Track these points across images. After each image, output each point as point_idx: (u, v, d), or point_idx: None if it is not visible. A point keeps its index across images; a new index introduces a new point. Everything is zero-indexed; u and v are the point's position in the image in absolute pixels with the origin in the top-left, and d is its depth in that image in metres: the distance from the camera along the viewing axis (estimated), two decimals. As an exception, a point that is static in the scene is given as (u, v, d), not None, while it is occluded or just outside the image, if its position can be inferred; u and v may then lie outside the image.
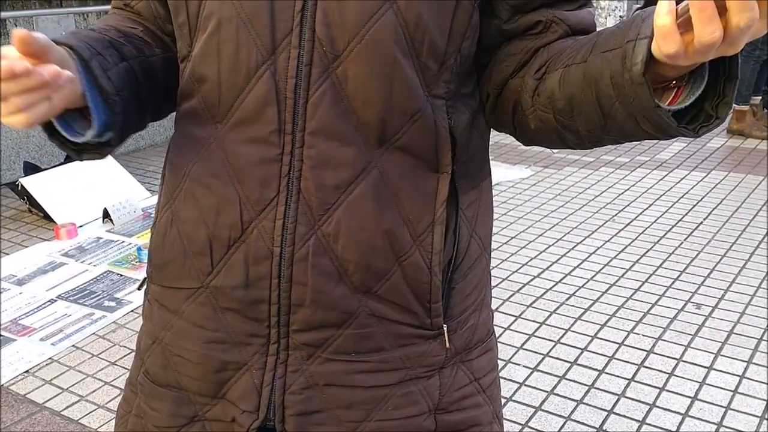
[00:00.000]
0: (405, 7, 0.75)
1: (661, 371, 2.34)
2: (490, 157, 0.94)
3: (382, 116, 0.78)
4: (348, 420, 0.85)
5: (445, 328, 0.86)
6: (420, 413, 0.87)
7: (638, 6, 0.79)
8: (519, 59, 0.83)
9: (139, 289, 0.96)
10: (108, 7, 1.00)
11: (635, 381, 2.30)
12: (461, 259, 0.87)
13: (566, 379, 2.31)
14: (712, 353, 2.44)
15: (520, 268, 3.08)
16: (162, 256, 0.89)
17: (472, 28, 0.81)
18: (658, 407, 2.17)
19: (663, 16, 0.61)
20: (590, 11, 0.85)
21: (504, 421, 2.12)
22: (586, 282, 2.95)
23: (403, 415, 0.86)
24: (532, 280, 2.98)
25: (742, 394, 2.22)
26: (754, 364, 2.37)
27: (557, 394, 2.24)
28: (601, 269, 3.06)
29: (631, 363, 2.39)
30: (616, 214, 3.64)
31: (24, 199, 3.77)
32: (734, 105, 4.92)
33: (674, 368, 2.36)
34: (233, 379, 0.86)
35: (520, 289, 2.90)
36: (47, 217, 3.63)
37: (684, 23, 0.61)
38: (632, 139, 0.76)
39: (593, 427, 2.09)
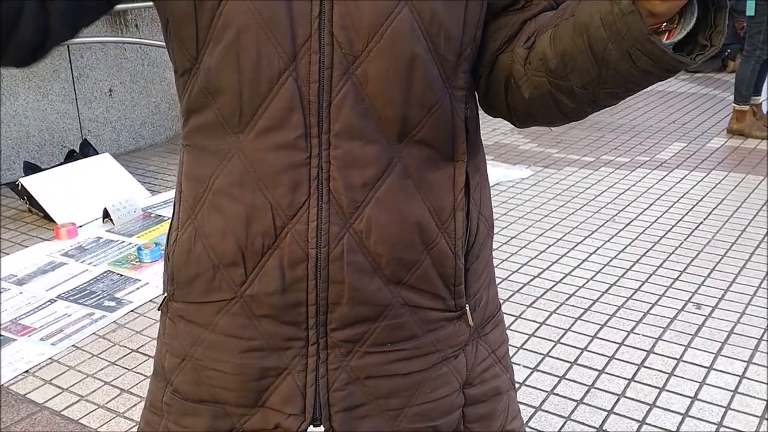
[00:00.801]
0: (419, 3, 0.77)
1: (661, 371, 2.34)
2: (491, 158, 0.95)
3: (402, 112, 0.80)
4: (390, 408, 0.88)
5: (467, 308, 0.90)
6: (453, 392, 0.91)
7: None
8: (506, 33, 0.84)
9: (158, 309, 0.95)
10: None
11: (635, 381, 2.30)
12: (473, 241, 0.90)
13: (566, 379, 2.31)
14: (712, 353, 2.44)
15: (520, 268, 3.08)
16: (188, 272, 0.87)
17: (483, 16, 0.83)
18: (658, 407, 2.17)
19: None
20: None
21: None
22: (586, 282, 2.95)
23: (439, 395, 0.90)
24: (532, 280, 2.98)
25: (742, 394, 2.22)
26: (754, 364, 2.37)
27: (557, 394, 2.24)
28: (601, 269, 3.06)
29: (631, 363, 2.39)
30: (616, 214, 3.64)
31: (24, 199, 3.77)
32: (734, 105, 4.93)
33: (674, 368, 2.36)
34: (273, 385, 0.87)
35: (520, 289, 2.90)
36: (47, 217, 3.63)
37: None
38: (628, 88, 0.76)
39: (593, 427, 2.09)
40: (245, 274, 0.84)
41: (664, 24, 0.72)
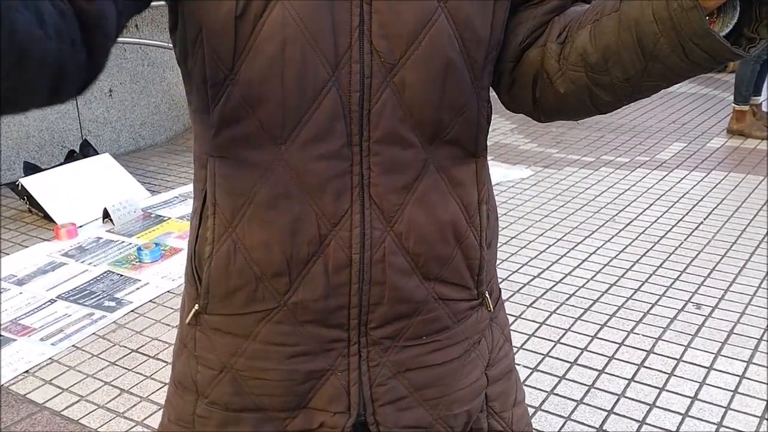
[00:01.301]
0: (454, 9, 0.79)
1: (661, 371, 2.34)
2: (491, 158, 0.96)
3: (436, 115, 0.82)
4: (430, 398, 0.92)
5: (487, 295, 0.95)
6: (481, 375, 0.96)
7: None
8: (527, 26, 0.85)
9: (188, 324, 0.93)
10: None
11: (635, 381, 2.30)
12: (487, 231, 0.93)
13: (566, 379, 2.31)
14: (712, 353, 2.44)
15: (520, 268, 3.08)
16: (227, 286, 0.87)
17: (506, 18, 0.84)
18: (658, 407, 2.17)
19: None
20: None
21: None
22: (586, 282, 2.95)
23: (471, 380, 0.95)
24: (532, 280, 2.98)
25: (742, 394, 2.22)
26: (754, 364, 2.37)
27: (557, 394, 2.24)
28: (601, 269, 3.06)
29: (631, 363, 2.39)
30: (616, 214, 3.64)
31: (24, 199, 3.77)
32: (734, 105, 4.93)
33: (674, 368, 2.36)
34: (317, 386, 0.89)
35: (520, 289, 2.90)
36: (47, 217, 3.63)
37: None
38: (672, 79, 0.77)
39: (593, 427, 2.09)
40: (289, 283, 0.85)
41: (707, 17, 0.73)
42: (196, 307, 0.91)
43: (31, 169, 3.97)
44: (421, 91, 0.80)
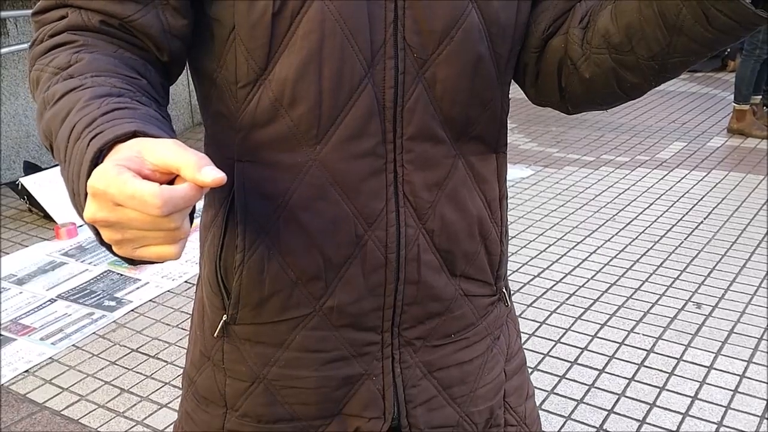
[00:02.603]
0: (484, 5, 0.78)
1: (661, 371, 2.34)
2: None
3: (466, 111, 0.82)
4: (459, 395, 0.92)
5: (504, 290, 0.95)
6: (501, 370, 0.96)
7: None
8: (549, 15, 0.84)
9: (215, 336, 0.89)
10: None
11: (635, 380, 2.30)
12: (506, 225, 0.93)
13: (566, 378, 2.31)
14: (712, 353, 2.44)
15: (520, 268, 3.08)
16: (260, 294, 0.83)
17: (528, 13, 0.84)
18: (658, 407, 2.17)
19: None
20: None
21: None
22: (586, 282, 2.95)
23: (494, 375, 0.95)
24: (532, 279, 2.98)
25: (742, 393, 2.22)
26: (754, 363, 2.37)
27: (557, 394, 2.24)
28: (601, 269, 3.06)
29: (631, 362, 2.39)
30: (616, 214, 3.64)
31: (24, 199, 3.77)
32: (734, 104, 4.93)
33: (674, 368, 2.36)
34: (351, 392, 0.87)
35: (520, 289, 2.90)
36: (47, 216, 3.63)
37: None
38: (698, 53, 0.75)
39: (593, 426, 2.09)
40: (325, 287, 0.83)
41: None
42: (225, 318, 0.87)
43: (31, 168, 3.97)
44: (452, 86, 0.79)
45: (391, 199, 0.81)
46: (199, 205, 0.88)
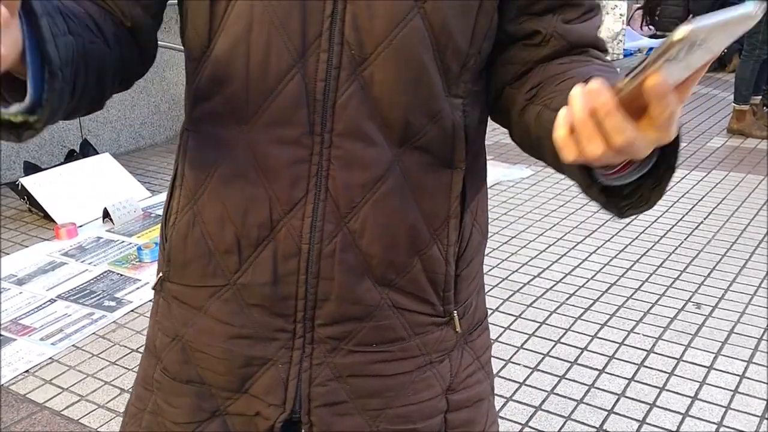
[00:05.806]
0: (432, 12, 0.77)
1: (661, 371, 2.34)
2: (491, 157, 0.96)
3: (406, 118, 0.80)
4: (371, 408, 0.89)
5: (455, 314, 0.90)
6: (435, 396, 0.91)
7: (638, 6, 0.79)
8: (517, 69, 0.85)
9: (153, 288, 0.96)
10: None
11: (635, 381, 2.30)
12: (465, 247, 0.90)
13: (566, 378, 2.31)
14: (712, 353, 2.44)
15: (520, 268, 3.08)
16: (184, 256, 0.88)
17: (492, 30, 0.83)
18: (658, 407, 2.17)
19: (559, 128, 0.63)
20: (595, 21, 0.86)
21: (504, 421, 2.13)
22: (586, 282, 2.95)
23: (421, 399, 0.90)
24: (532, 280, 2.98)
25: (742, 393, 2.22)
26: (754, 363, 2.38)
27: (557, 394, 2.24)
28: (601, 269, 3.06)
29: (631, 363, 2.39)
30: (616, 214, 3.64)
31: (24, 199, 3.77)
32: (734, 104, 4.93)
33: (674, 368, 2.36)
34: (258, 374, 0.88)
35: (520, 289, 2.90)
36: (47, 216, 3.63)
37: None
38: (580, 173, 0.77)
39: (593, 426, 2.09)
40: (239, 263, 0.85)
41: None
42: (161, 273, 0.93)
43: (31, 168, 3.97)
44: (390, 90, 0.79)
45: (312, 190, 0.81)
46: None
